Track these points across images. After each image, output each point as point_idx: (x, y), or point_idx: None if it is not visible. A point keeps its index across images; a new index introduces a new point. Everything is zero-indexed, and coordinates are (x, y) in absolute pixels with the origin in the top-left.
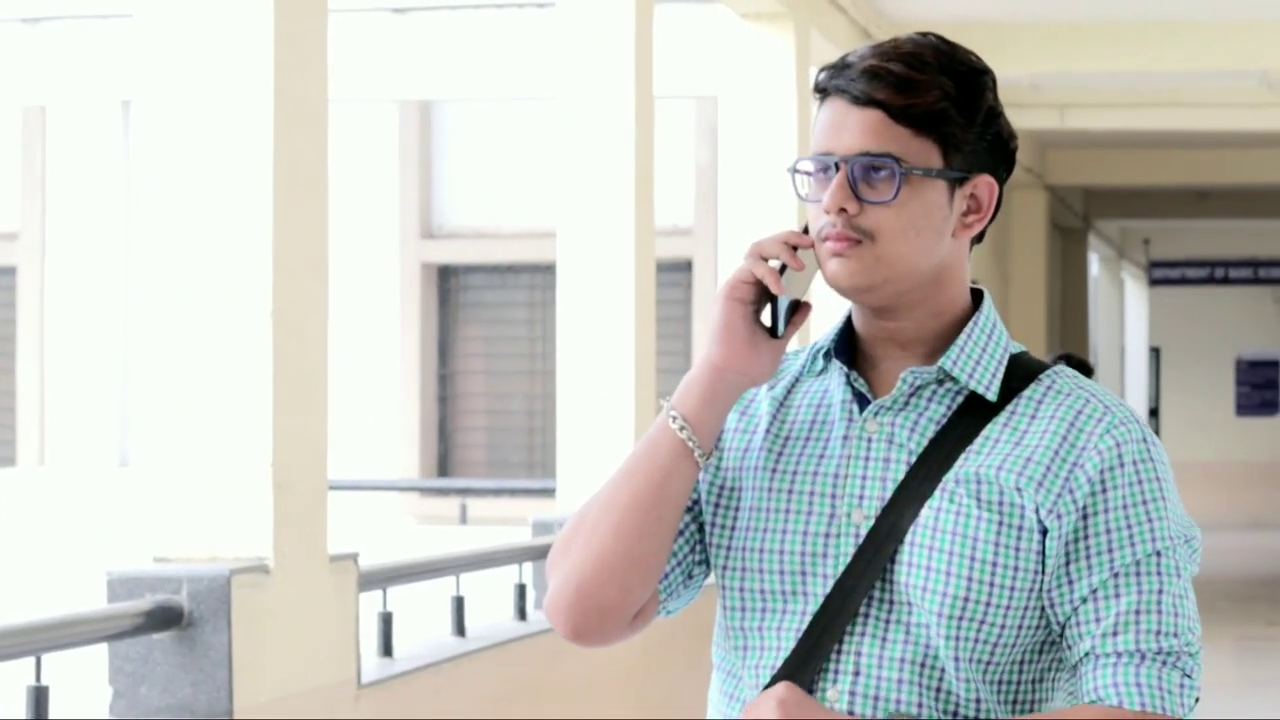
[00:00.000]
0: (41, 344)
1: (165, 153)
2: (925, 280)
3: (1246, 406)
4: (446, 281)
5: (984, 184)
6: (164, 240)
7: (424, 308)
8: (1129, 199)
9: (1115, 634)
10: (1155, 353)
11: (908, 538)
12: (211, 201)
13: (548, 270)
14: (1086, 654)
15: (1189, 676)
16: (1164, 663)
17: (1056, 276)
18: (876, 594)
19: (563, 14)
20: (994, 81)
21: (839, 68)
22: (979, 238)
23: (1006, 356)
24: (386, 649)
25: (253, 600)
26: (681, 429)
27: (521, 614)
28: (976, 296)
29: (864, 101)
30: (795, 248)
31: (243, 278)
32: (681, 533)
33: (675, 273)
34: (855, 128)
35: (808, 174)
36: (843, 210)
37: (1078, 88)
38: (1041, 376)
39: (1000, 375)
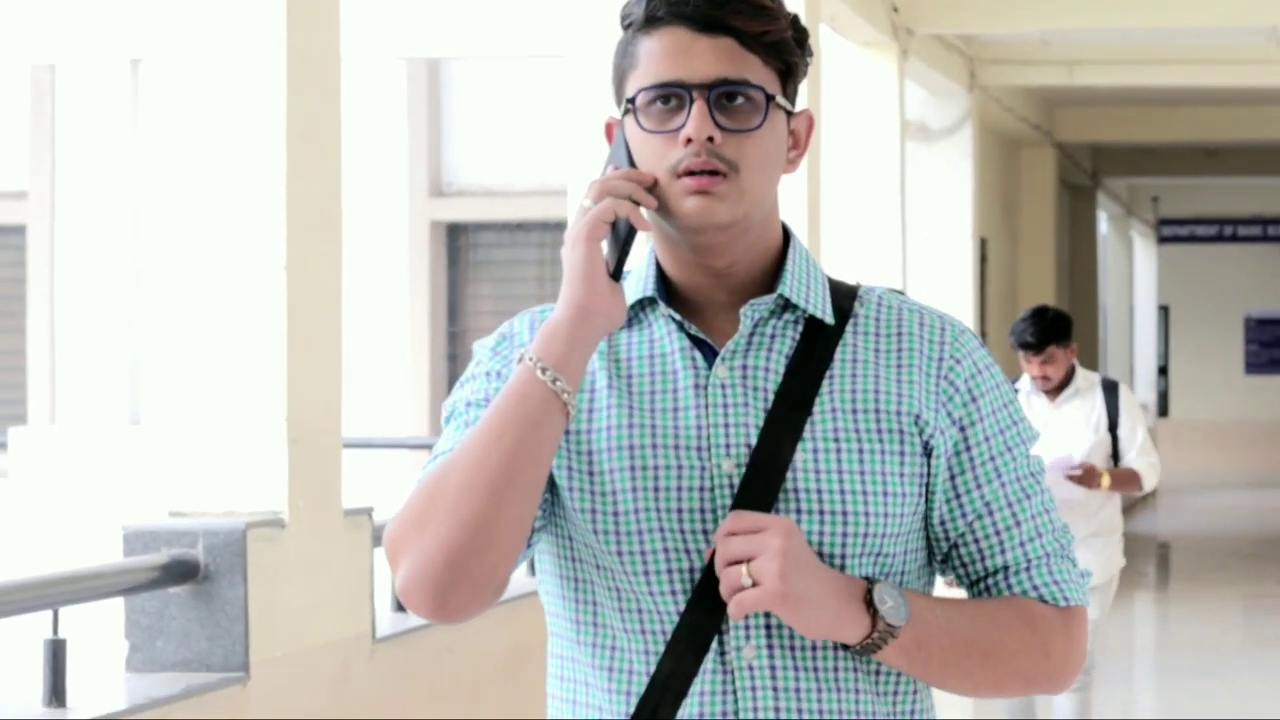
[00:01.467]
0: (51, 302)
1: (177, 110)
2: (763, 217)
3: (1255, 365)
4: (456, 239)
5: (805, 119)
6: (176, 198)
7: (433, 266)
8: (1138, 156)
9: (1023, 544)
10: (1164, 311)
11: (791, 485)
12: (225, 158)
13: (557, 228)
14: (1001, 568)
15: (1076, 564)
16: (1062, 556)
17: (1065, 234)
18: None
19: None
20: None
21: None
22: None
23: (827, 280)
24: (400, 604)
25: (268, 554)
26: (554, 380)
27: (533, 569)
28: (785, 229)
29: (713, 28)
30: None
31: (257, 233)
32: None
33: None
34: (707, 55)
35: (628, 110)
36: (709, 140)
37: (1087, 44)
38: (861, 295)
39: (829, 299)
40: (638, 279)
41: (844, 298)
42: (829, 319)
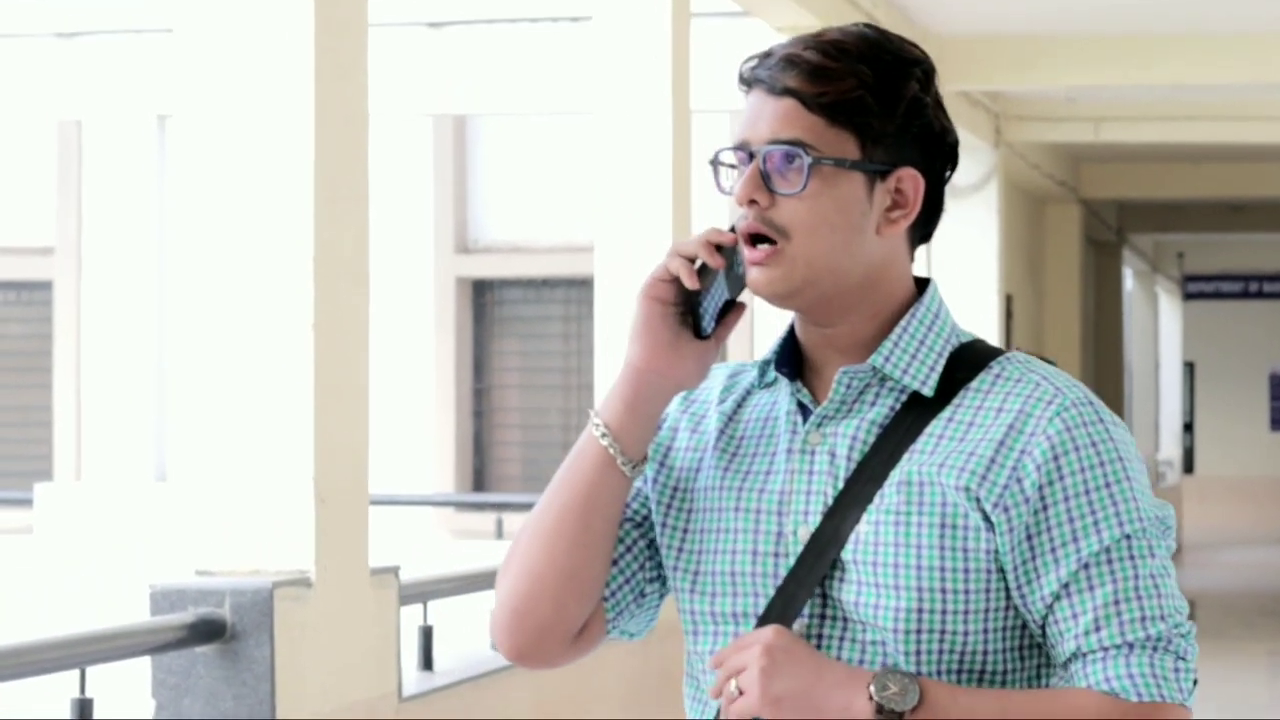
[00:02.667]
0: (78, 359)
1: (205, 166)
2: (853, 281)
3: None
4: (482, 296)
5: (908, 177)
6: (203, 255)
7: (459, 322)
8: (1163, 212)
9: (1098, 629)
10: (1189, 367)
11: (850, 555)
12: (252, 214)
13: (583, 284)
14: (1073, 654)
15: (1183, 659)
16: (1154, 649)
17: (1090, 290)
18: (826, 612)
19: (599, 28)
20: (925, 73)
21: (761, 57)
22: (925, 235)
23: (949, 348)
24: (427, 662)
25: (295, 613)
26: (604, 436)
27: None
28: (925, 288)
29: (779, 90)
30: (719, 246)
31: (284, 290)
32: (629, 549)
33: None
34: (769, 117)
35: (731, 167)
36: (754, 203)
37: (1112, 101)
38: (991, 364)
39: (939, 368)
40: (775, 342)
41: (967, 367)
42: (928, 391)
